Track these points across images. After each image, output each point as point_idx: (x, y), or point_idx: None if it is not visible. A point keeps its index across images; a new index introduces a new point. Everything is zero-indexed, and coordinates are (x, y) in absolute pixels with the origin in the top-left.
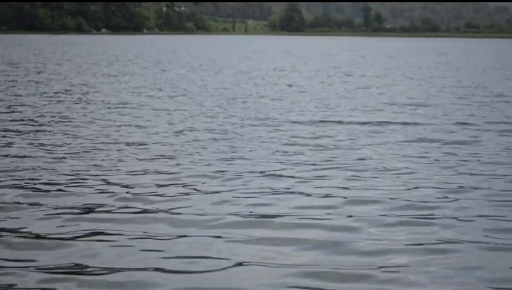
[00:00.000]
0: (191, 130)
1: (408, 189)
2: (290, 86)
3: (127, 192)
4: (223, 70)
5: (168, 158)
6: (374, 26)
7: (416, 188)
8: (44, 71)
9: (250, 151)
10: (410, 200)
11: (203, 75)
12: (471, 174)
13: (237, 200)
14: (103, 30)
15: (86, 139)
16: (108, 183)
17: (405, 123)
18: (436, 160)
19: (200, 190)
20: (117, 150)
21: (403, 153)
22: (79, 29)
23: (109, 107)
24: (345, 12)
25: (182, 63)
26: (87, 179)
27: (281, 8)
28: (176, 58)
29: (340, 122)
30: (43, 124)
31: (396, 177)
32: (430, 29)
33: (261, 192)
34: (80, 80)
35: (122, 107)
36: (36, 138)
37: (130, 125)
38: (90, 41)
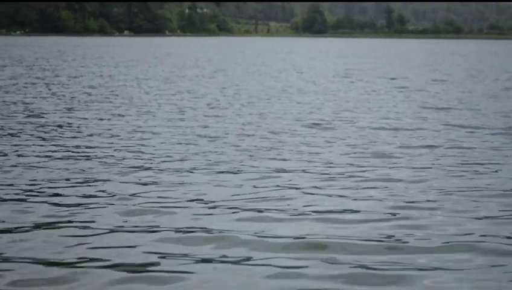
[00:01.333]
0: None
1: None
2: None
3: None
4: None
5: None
6: (396, 28)
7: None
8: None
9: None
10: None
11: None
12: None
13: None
14: (125, 32)
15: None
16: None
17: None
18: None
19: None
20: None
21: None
22: (102, 31)
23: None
24: (367, 14)
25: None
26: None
27: (303, 9)
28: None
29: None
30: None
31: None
32: (453, 30)
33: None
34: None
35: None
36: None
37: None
38: (124, 43)
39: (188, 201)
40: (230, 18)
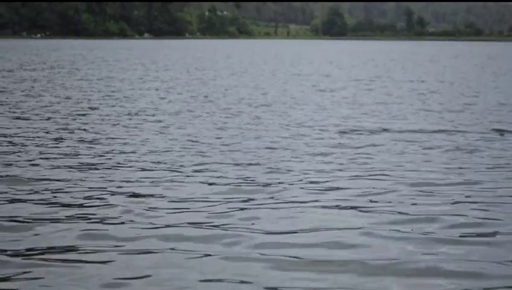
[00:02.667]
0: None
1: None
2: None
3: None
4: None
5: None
6: (416, 30)
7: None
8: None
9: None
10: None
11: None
12: None
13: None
14: (146, 35)
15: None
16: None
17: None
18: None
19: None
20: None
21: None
22: (122, 34)
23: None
24: (387, 17)
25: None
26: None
27: (323, 12)
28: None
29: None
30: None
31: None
32: (473, 33)
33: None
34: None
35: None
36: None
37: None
38: (153, 46)
39: (207, 217)
40: (250, 21)
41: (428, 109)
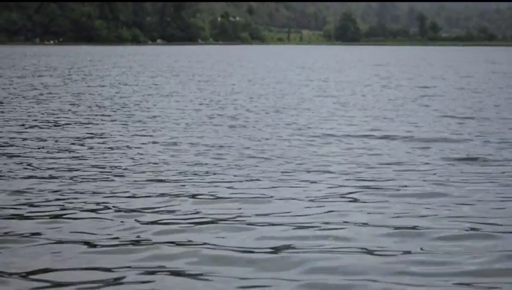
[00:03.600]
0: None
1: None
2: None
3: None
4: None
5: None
6: (429, 36)
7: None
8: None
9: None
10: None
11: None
12: None
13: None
14: (158, 41)
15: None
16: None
17: None
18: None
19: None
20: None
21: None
22: (135, 40)
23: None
24: (400, 22)
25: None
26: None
27: (335, 18)
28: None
29: None
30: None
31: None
32: (486, 38)
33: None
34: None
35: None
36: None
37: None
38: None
39: (222, 215)
40: (263, 26)
41: (444, 115)
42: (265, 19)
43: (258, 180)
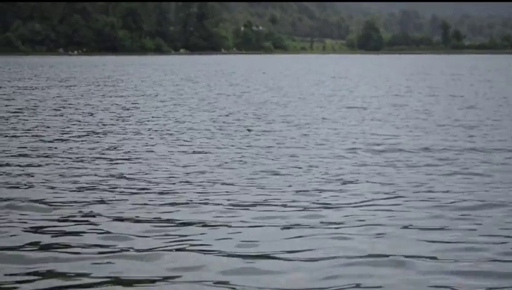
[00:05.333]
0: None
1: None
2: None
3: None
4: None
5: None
6: (452, 44)
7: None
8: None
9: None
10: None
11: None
12: None
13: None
14: (181, 50)
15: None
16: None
17: None
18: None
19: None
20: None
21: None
22: (158, 50)
23: None
24: (423, 30)
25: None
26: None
27: (358, 27)
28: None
29: None
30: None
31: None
32: (510, 45)
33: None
34: None
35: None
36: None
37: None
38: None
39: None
40: (286, 36)
41: (467, 125)
42: (288, 28)
43: (304, 190)
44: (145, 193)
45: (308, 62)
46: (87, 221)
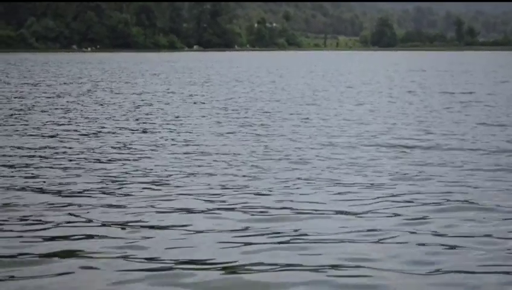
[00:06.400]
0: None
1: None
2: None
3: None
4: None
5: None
6: (466, 40)
7: None
8: None
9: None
10: None
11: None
12: None
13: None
14: (195, 47)
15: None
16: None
17: None
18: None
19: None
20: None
21: None
22: (171, 47)
23: None
24: (437, 27)
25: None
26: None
27: (372, 23)
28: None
29: None
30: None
31: None
32: None
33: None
34: None
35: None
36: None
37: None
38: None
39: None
40: (299, 32)
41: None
42: (301, 25)
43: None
44: (134, 197)
45: (339, 59)
46: (84, 222)
